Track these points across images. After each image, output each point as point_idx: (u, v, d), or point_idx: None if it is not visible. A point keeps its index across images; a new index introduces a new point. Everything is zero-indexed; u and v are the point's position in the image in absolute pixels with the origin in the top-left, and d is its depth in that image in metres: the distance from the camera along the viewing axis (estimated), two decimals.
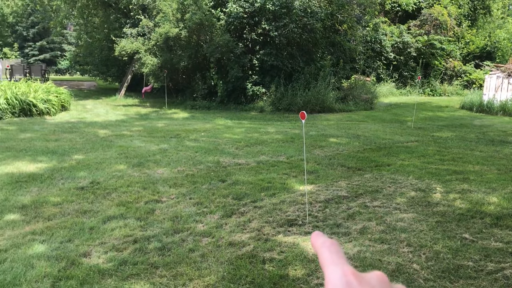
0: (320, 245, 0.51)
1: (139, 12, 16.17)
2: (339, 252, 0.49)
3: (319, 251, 0.50)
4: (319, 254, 0.50)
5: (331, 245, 0.51)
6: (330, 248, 0.50)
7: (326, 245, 0.50)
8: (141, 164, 7.34)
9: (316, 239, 0.52)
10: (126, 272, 3.73)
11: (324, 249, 0.50)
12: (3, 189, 5.92)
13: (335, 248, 0.50)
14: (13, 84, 13.22)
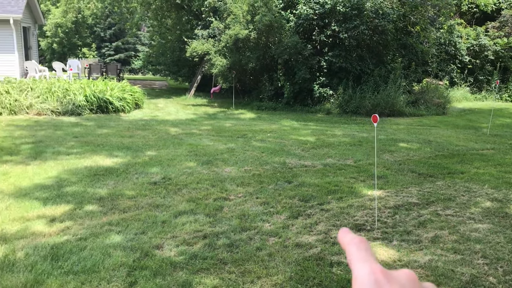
0: (348, 241, 0.50)
1: (210, 14, 16.57)
2: (368, 249, 0.48)
3: (347, 248, 0.49)
4: (347, 251, 0.49)
5: (360, 242, 0.49)
6: (358, 245, 0.49)
7: (355, 241, 0.49)
8: (209, 162, 7.52)
9: (344, 235, 0.51)
10: (197, 266, 3.85)
11: (352, 246, 0.49)
12: (82, 181, 6.29)
13: (364, 245, 0.49)
14: (92, 82, 14.01)
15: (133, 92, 14.19)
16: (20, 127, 10.09)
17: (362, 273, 0.44)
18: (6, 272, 3.67)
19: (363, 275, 0.44)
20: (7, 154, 7.58)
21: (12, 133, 9.33)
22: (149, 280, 3.56)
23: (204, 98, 18.04)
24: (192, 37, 16.96)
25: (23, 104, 12.09)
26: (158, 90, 21.03)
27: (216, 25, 15.62)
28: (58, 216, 4.97)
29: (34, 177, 6.38)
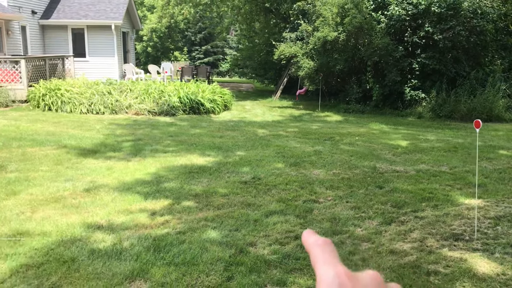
0: (312, 243, 0.48)
1: (299, 17, 16.66)
2: (333, 251, 0.47)
3: (311, 249, 0.48)
4: (310, 253, 0.48)
5: (324, 244, 0.48)
6: (323, 247, 0.47)
7: (319, 243, 0.48)
8: (297, 164, 7.58)
9: (308, 237, 0.49)
10: (290, 266, 3.91)
11: (316, 247, 0.47)
12: (178, 178, 6.63)
13: (328, 247, 0.47)
14: (184, 85, 14.66)
15: (222, 94, 14.65)
16: (121, 126, 10.83)
17: (327, 276, 0.43)
18: (114, 259, 3.98)
19: (328, 278, 0.43)
20: (111, 151, 8.18)
21: (114, 131, 10.04)
22: (245, 276, 3.69)
23: (289, 100, 18.15)
24: (280, 40, 17.14)
25: (123, 104, 12.96)
26: (245, 92, 21.51)
27: (304, 27, 15.66)
28: (158, 210, 5.29)
29: (135, 173, 6.82)
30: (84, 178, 6.39)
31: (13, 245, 4.20)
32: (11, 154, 7.52)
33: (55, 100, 12.68)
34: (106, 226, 4.73)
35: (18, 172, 6.52)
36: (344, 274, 0.44)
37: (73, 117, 11.74)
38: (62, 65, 17.27)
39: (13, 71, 13.86)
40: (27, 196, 5.57)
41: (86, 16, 20.71)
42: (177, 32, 37.68)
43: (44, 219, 4.87)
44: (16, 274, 3.67)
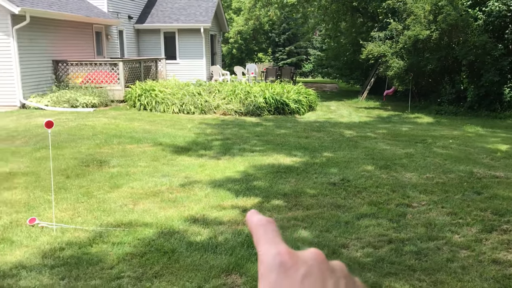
0: (255, 223, 0.47)
1: (388, 15, 16.20)
2: (275, 230, 0.46)
3: (253, 229, 0.46)
4: (253, 232, 0.46)
5: (267, 223, 0.46)
6: (265, 226, 0.46)
7: (262, 223, 0.46)
8: (388, 167, 7.38)
9: (252, 216, 0.48)
10: (384, 270, 3.83)
11: (259, 227, 0.46)
12: (267, 177, 6.73)
13: (271, 227, 0.46)
14: (270, 85, 14.84)
15: (307, 95, 14.63)
16: (210, 125, 11.21)
17: (268, 255, 0.43)
18: (210, 252, 4.14)
19: (269, 257, 0.42)
20: (202, 149, 8.50)
21: (204, 130, 10.42)
22: None
23: (376, 101, 17.70)
24: (367, 39, 16.78)
25: (211, 105, 13.39)
26: (329, 93, 21.30)
27: (394, 26, 15.19)
28: (249, 207, 5.41)
29: (225, 170, 7.03)
30: (179, 174, 6.70)
31: (118, 235, 4.52)
32: (112, 150, 8.08)
33: (149, 100, 13.41)
34: (201, 220, 4.93)
35: (119, 167, 6.99)
36: (286, 252, 0.43)
37: (166, 117, 12.34)
38: (155, 67, 18.22)
39: (112, 72, 14.86)
40: (128, 190, 5.96)
41: (177, 20, 21.67)
42: (262, 34, 38.20)
43: (144, 212, 5.19)
44: (122, 262, 3.95)
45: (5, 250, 4.17)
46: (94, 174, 6.60)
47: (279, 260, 0.42)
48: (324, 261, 0.44)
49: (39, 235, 4.48)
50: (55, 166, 6.61)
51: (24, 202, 5.45)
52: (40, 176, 6.44)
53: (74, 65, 14.83)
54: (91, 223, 4.83)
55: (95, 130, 9.59)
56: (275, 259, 0.42)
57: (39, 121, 10.48)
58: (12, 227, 4.68)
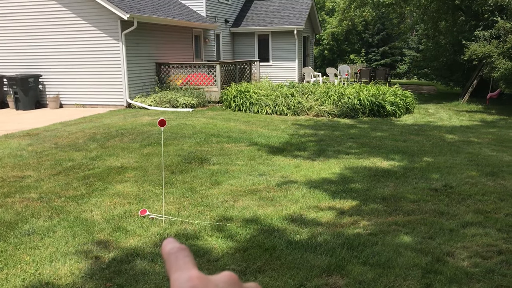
0: (168, 251, 0.46)
1: (494, 13, 15.15)
2: (187, 257, 0.45)
3: (166, 257, 0.46)
4: (166, 261, 0.46)
5: (179, 250, 0.46)
6: (177, 254, 0.46)
7: (173, 251, 0.46)
8: (494, 174, 6.94)
9: (166, 245, 0.48)
10: (495, 282, 3.63)
11: (171, 255, 0.46)
12: (364, 180, 6.64)
13: (182, 254, 0.46)
14: (364, 87, 14.56)
15: (404, 97, 14.15)
16: (303, 126, 11.26)
17: (178, 282, 0.42)
18: (310, 252, 4.19)
19: (180, 283, 0.42)
20: (296, 150, 8.58)
21: (297, 131, 10.50)
22: (444, 285, 3.54)
23: (479, 104, 16.64)
24: (470, 39, 15.83)
25: (304, 106, 13.45)
26: (427, 95, 20.38)
27: (501, 24, 14.18)
28: (347, 209, 5.38)
29: (321, 172, 7.05)
30: (275, 174, 6.83)
31: (221, 229, 4.73)
32: (211, 148, 8.44)
33: (244, 102, 13.78)
34: (299, 220, 5.00)
35: (219, 165, 7.29)
36: (196, 277, 0.42)
37: (260, 117, 12.60)
38: (249, 69, 18.66)
39: (209, 75, 15.48)
40: (228, 187, 6.19)
41: (271, 23, 22.02)
42: (354, 34, 37.53)
43: (244, 208, 5.37)
44: (226, 255, 4.13)
45: (121, 238, 4.55)
46: (196, 170, 6.95)
47: (189, 285, 0.41)
48: (237, 284, 0.43)
49: (150, 226, 4.83)
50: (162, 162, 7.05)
51: (135, 194, 5.88)
52: (148, 171, 6.91)
53: (175, 67, 15.66)
54: (195, 216, 5.10)
55: (195, 129, 10.06)
56: (186, 284, 0.41)
57: (145, 120, 11.23)
58: (126, 217, 5.09)
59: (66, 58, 14.20)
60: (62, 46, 14.15)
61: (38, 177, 6.64)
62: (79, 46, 14.01)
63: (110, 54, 13.84)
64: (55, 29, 14.10)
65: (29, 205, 5.48)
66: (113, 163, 7.38)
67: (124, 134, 9.51)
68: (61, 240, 4.50)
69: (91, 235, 4.62)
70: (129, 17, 13.11)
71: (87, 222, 4.95)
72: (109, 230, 4.75)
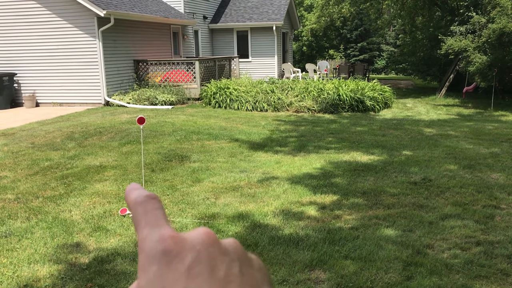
0: (134, 200, 0.39)
1: (469, 8, 15.41)
2: (157, 209, 0.38)
3: (132, 208, 0.39)
4: (132, 211, 0.39)
5: (147, 200, 0.39)
6: (145, 204, 0.38)
7: (141, 199, 0.39)
8: (471, 167, 7.07)
9: (130, 192, 0.40)
10: (474, 272, 3.70)
11: (138, 206, 0.39)
12: (344, 174, 6.69)
13: (152, 205, 0.39)
14: (343, 82, 14.65)
15: (382, 92, 14.29)
16: (284, 122, 11.28)
17: (148, 242, 0.36)
18: (292, 247, 4.20)
19: (150, 244, 0.36)
20: (277, 145, 8.59)
21: (278, 127, 10.51)
22: (425, 278, 3.59)
23: (455, 98, 16.91)
24: (447, 34, 16.06)
25: (284, 102, 13.47)
26: (405, 90, 20.64)
27: (476, 19, 14.43)
28: (328, 204, 5.41)
29: (302, 167, 7.07)
30: (257, 170, 6.83)
31: (203, 227, 4.70)
32: (192, 146, 8.38)
33: (224, 98, 13.73)
34: (281, 215, 5.01)
35: (199, 162, 7.25)
36: (170, 237, 0.36)
37: (240, 114, 12.58)
38: (229, 66, 18.60)
39: (188, 71, 15.37)
40: (209, 184, 6.17)
41: (250, 19, 21.97)
42: (333, 30, 37.75)
43: (225, 205, 5.35)
44: None
45: (101, 238, 4.49)
46: (177, 168, 6.90)
47: (162, 247, 0.35)
48: (215, 243, 0.37)
49: (131, 225, 4.77)
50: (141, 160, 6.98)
51: (114, 193, 5.81)
52: (127, 170, 6.83)
53: (154, 64, 15.50)
54: (177, 214, 5.06)
55: (175, 127, 9.98)
56: (158, 246, 0.35)
57: (123, 118, 11.09)
58: (105, 217, 5.02)
59: (42, 56, 13.93)
60: (37, 43, 13.87)
61: (14, 178, 6.50)
62: (55, 43, 13.76)
63: (87, 52, 13.62)
64: (29, 27, 13.80)
65: (5, 206, 5.37)
66: (92, 162, 7.28)
67: (103, 133, 9.39)
68: (39, 241, 4.42)
69: (71, 236, 4.55)
70: (105, 13, 12.91)
71: (66, 223, 4.87)
72: (89, 230, 4.68)
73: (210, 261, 0.35)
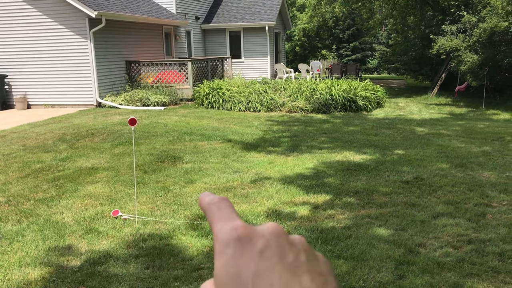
0: (208, 202, 0.45)
1: (460, 8, 15.51)
2: (230, 207, 0.44)
3: (206, 208, 0.44)
4: (206, 212, 0.44)
5: (220, 201, 0.44)
6: (218, 204, 0.44)
7: (214, 201, 0.44)
8: (463, 165, 7.10)
9: (204, 197, 0.46)
10: (465, 270, 3.71)
11: (212, 205, 0.44)
12: (337, 174, 6.70)
13: (224, 204, 0.44)
14: (336, 82, 14.68)
15: (375, 91, 14.34)
16: (277, 123, 11.29)
17: (223, 231, 0.40)
18: None
19: (224, 232, 0.40)
20: (270, 146, 8.59)
21: (271, 128, 10.51)
22: (417, 276, 3.60)
23: (447, 97, 17.01)
24: (438, 33, 16.15)
25: (277, 102, 13.48)
26: (397, 89, 20.73)
27: (467, 19, 14.53)
28: (320, 204, 5.42)
29: (295, 167, 7.07)
30: (250, 170, 6.82)
31: (196, 228, 4.70)
32: (184, 146, 8.37)
33: (217, 99, 13.72)
34: (274, 215, 5.01)
35: (192, 163, 7.23)
36: (242, 226, 0.40)
37: (233, 114, 12.57)
38: (222, 66, 18.58)
39: (181, 72, 15.33)
40: (202, 185, 6.15)
41: (242, 19, 21.96)
42: (325, 30, 37.81)
43: None
44: (201, 254, 4.10)
45: (93, 240, 4.47)
46: (169, 169, 6.88)
47: (235, 234, 0.40)
48: (283, 235, 0.41)
49: (123, 227, 4.75)
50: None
51: (106, 195, 5.78)
52: (119, 171, 6.80)
53: (146, 65, 15.46)
54: (169, 216, 5.05)
55: (167, 128, 9.95)
56: (231, 234, 0.40)
57: (115, 119, 11.05)
58: (97, 219, 5.00)
59: (33, 58, 13.84)
60: (29, 45, 13.78)
61: (5, 180, 6.46)
62: (46, 45, 13.67)
63: (79, 53, 13.55)
64: (20, 28, 13.71)
65: None
66: (84, 163, 7.24)
67: (95, 134, 9.34)
68: (30, 244, 4.39)
69: (62, 238, 4.52)
70: (97, 14, 12.85)
71: (57, 225, 4.84)
72: (81, 232, 4.66)
73: (279, 248, 0.40)
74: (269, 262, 0.38)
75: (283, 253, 0.40)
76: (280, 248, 0.40)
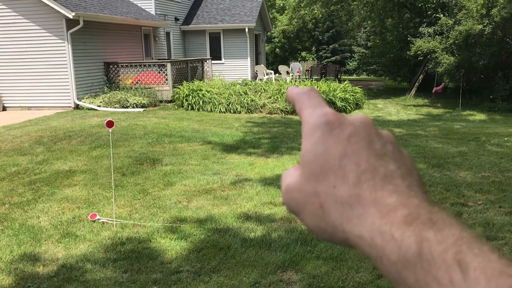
0: (297, 92, 0.44)
1: (437, 10, 15.78)
2: (319, 96, 0.43)
3: (295, 98, 0.43)
4: (295, 101, 0.43)
5: (310, 90, 0.44)
6: (309, 93, 0.43)
7: (305, 91, 0.44)
8: (440, 166, 7.21)
9: (293, 89, 0.45)
10: None
11: (302, 95, 0.43)
12: None
13: (314, 93, 0.43)
14: (315, 84, 14.78)
15: (354, 93, 14.48)
16: (257, 124, 11.29)
17: (313, 116, 0.40)
18: (265, 249, 4.20)
19: (314, 117, 0.40)
20: (251, 147, 8.59)
21: (251, 129, 10.51)
22: None
23: (425, 98, 17.29)
24: (415, 36, 16.41)
25: (257, 104, 13.50)
26: (376, 91, 20.97)
27: (444, 21, 14.79)
28: None
29: (275, 169, 7.08)
30: (230, 172, 6.81)
31: (175, 231, 4.66)
32: (164, 149, 8.30)
33: (197, 100, 13.66)
34: (254, 217, 5.01)
35: (172, 165, 7.18)
36: (332, 113, 0.40)
37: (213, 116, 12.54)
38: (202, 68, 18.52)
39: (160, 73, 15.23)
40: (181, 187, 6.11)
41: (222, 21, 21.93)
42: (305, 32, 38.02)
43: (198, 209, 5.31)
44: (180, 257, 4.07)
45: (70, 244, 4.39)
46: (148, 172, 6.82)
47: (325, 119, 0.40)
48: (372, 125, 0.41)
49: (101, 230, 4.69)
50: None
51: (84, 198, 5.70)
52: (97, 174, 6.71)
53: (124, 66, 15.30)
54: (148, 219, 5.00)
55: (146, 130, 9.87)
56: (321, 119, 0.40)
57: (93, 121, 10.90)
58: (75, 222, 4.92)
59: (9, 59, 13.57)
60: (4, 46, 13.52)
61: None
62: (22, 46, 13.43)
63: (56, 54, 13.35)
64: None
65: None
66: (61, 166, 7.12)
67: (72, 137, 9.20)
68: (5, 249, 4.29)
69: (38, 242, 4.43)
70: (74, 15, 12.68)
71: (33, 229, 4.75)
72: (58, 236, 4.58)
73: (367, 136, 0.39)
74: (356, 146, 0.39)
75: (371, 141, 0.39)
76: (368, 136, 0.39)
